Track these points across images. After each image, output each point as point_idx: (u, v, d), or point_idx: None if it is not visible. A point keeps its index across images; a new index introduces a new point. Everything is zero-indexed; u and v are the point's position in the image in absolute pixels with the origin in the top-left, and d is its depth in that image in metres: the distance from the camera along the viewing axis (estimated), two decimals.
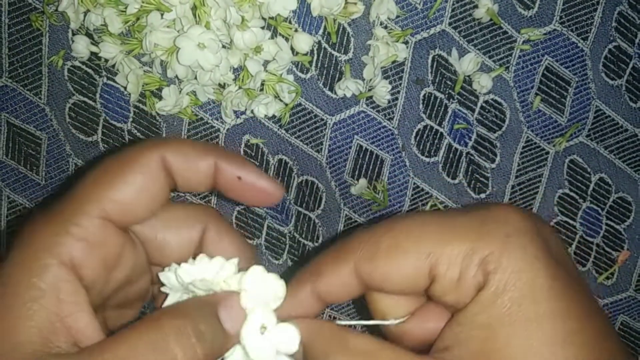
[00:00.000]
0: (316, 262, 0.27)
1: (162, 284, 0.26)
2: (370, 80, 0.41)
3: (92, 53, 0.40)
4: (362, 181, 0.44)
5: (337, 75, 0.41)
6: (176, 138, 0.28)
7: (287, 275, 0.27)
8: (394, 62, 0.41)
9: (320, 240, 0.46)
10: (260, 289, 0.25)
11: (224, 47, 0.38)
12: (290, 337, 0.25)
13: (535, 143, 0.45)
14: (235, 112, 0.42)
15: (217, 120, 0.42)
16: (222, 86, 0.41)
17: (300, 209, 0.45)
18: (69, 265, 0.23)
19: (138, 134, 0.42)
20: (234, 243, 0.28)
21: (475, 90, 0.43)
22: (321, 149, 0.43)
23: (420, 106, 0.43)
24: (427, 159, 0.44)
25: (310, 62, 0.41)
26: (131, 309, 0.29)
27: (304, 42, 0.39)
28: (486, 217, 0.24)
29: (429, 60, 0.42)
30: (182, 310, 0.23)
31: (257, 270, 0.25)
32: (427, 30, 0.41)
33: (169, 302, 0.26)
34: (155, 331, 0.22)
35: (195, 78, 0.40)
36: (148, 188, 0.25)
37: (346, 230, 0.46)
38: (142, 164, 0.25)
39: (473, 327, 0.23)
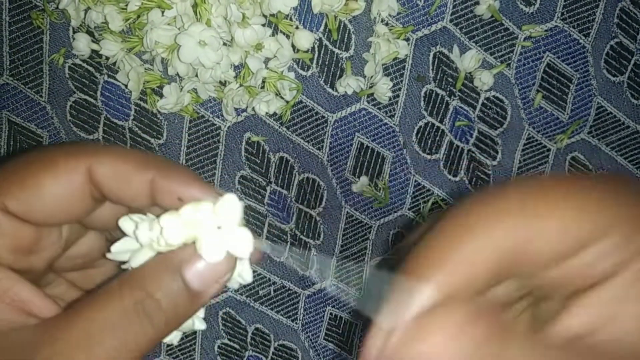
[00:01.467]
0: (430, 248, 0.19)
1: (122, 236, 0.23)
2: (372, 77, 0.41)
3: (93, 51, 0.40)
4: (363, 179, 0.44)
5: (338, 73, 0.41)
6: (111, 147, 0.24)
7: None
8: (395, 59, 0.41)
9: (321, 238, 0.46)
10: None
11: (224, 44, 0.38)
12: (243, 240, 0.22)
13: (536, 140, 0.45)
14: (236, 109, 0.42)
15: (218, 118, 0.42)
16: (223, 84, 0.41)
17: (301, 206, 0.45)
18: None
19: (139, 131, 0.42)
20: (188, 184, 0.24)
21: (477, 87, 0.43)
22: (322, 146, 0.43)
23: (422, 103, 0.43)
24: (429, 156, 0.44)
25: (311, 60, 0.41)
26: (96, 267, 0.28)
27: (305, 39, 0.39)
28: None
29: (430, 57, 0.42)
30: (142, 278, 0.22)
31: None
32: (428, 27, 0.41)
33: (137, 259, 0.23)
34: (115, 306, 0.21)
35: (196, 75, 0.40)
36: (61, 196, 0.23)
37: (348, 227, 0.46)
38: (62, 170, 0.23)
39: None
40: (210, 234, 0.22)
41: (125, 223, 0.23)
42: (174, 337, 0.24)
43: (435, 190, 0.45)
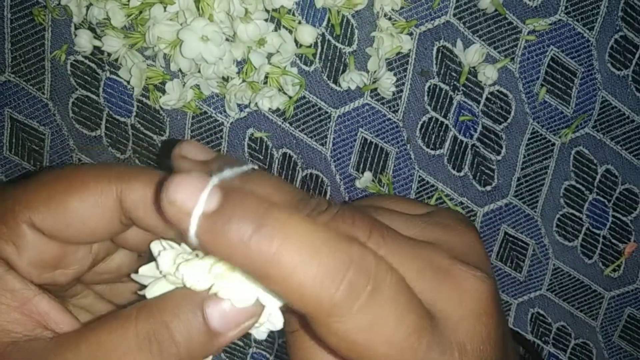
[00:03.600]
0: None
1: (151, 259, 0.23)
2: (375, 72, 0.41)
3: (95, 47, 0.40)
4: (367, 174, 0.44)
5: (341, 68, 0.41)
6: (145, 171, 0.23)
7: None
8: (398, 53, 0.41)
9: None
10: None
11: (227, 39, 0.38)
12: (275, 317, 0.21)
13: (541, 134, 0.44)
14: (239, 105, 0.42)
15: (221, 114, 0.42)
16: (226, 79, 0.41)
17: None
18: (2, 262, 0.22)
19: (142, 128, 0.42)
20: None
21: (481, 81, 0.42)
22: (326, 142, 0.43)
23: (425, 98, 0.42)
24: (432, 152, 0.44)
25: (314, 55, 0.41)
26: (126, 282, 0.27)
27: (308, 34, 0.39)
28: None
29: (434, 52, 0.41)
30: (161, 307, 0.21)
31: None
32: (432, 21, 0.41)
33: (154, 289, 0.22)
34: (129, 332, 0.21)
35: (199, 71, 0.40)
36: (88, 218, 0.22)
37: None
38: (92, 193, 0.22)
39: None
40: (242, 275, 0.21)
41: (155, 246, 0.22)
42: None
43: (440, 185, 0.45)
